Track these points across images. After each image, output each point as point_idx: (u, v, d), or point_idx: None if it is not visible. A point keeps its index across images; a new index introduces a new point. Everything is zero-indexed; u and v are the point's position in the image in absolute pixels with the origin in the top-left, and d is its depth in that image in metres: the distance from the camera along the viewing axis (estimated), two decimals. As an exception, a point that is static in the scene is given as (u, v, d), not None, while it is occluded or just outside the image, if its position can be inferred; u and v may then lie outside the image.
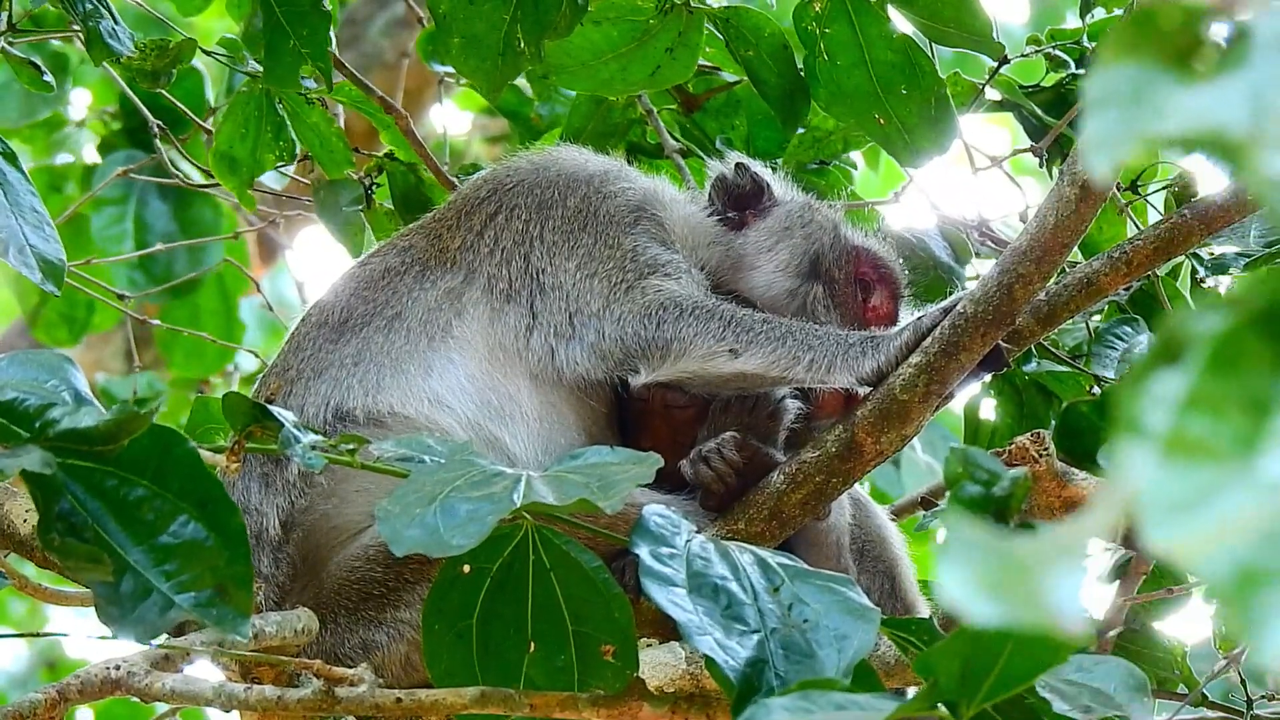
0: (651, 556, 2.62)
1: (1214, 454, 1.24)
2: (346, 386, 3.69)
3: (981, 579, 1.30)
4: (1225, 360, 1.27)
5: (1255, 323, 1.28)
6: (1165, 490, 1.23)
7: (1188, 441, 1.25)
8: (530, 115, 5.14)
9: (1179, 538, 1.21)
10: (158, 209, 6.48)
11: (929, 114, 4.13)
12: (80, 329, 6.72)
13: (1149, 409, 1.27)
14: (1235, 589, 1.19)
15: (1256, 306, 1.28)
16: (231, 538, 2.42)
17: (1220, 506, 1.22)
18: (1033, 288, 3.38)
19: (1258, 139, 1.24)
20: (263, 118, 4.60)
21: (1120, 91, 1.31)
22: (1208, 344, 1.27)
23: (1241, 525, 1.20)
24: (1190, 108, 1.28)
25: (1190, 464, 1.24)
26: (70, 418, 2.40)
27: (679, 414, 3.76)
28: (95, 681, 2.80)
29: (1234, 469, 1.24)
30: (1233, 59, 1.30)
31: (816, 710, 2.05)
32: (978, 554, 1.32)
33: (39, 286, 3.44)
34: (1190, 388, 1.26)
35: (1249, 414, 1.26)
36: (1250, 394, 1.26)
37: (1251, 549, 1.20)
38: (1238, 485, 1.23)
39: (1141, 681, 2.51)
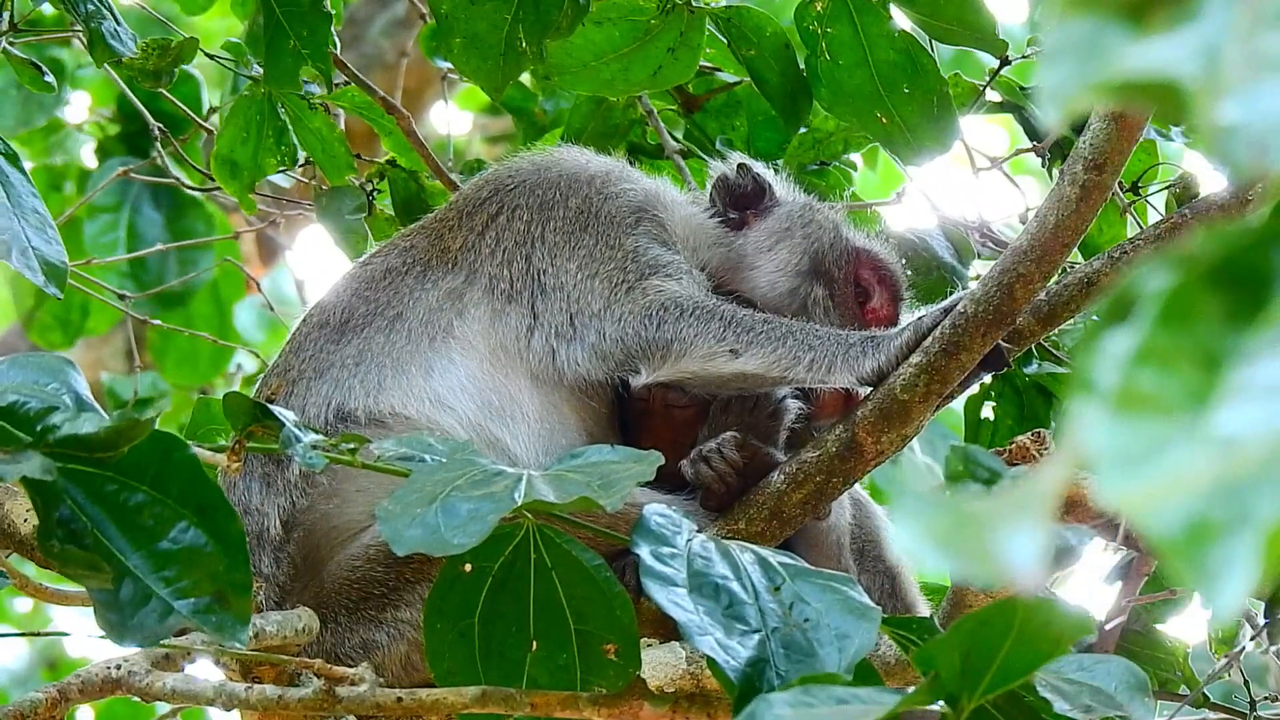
0: (652, 556, 2.62)
1: (1165, 407, 1.24)
2: (348, 387, 3.69)
3: (934, 532, 1.30)
4: (1177, 314, 1.27)
5: (1206, 277, 1.27)
6: (1115, 444, 1.23)
7: (1138, 395, 1.24)
8: (534, 110, 5.14)
9: (1131, 491, 1.21)
10: (151, 217, 6.48)
11: (931, 113, 4.13)
12: (75, 332, 6.72)
13: (1100, 366, 1.26)
14: (1186, 542, 1.19)
15: (1209, 260, 1.28)
16: (231, 544, 2.42)
17: (1171, 459, 1.21)
18: (1033, 287, 3.38)
19: (1209, 88, 1.25)
20: (264, 122, 4.60)
21: (1073, 44, 1.31)
22: (1159, 299, 1.27)
23: (1193, 478, 1.20)
24: (1142, 58, 1.29)
25: (1141, 418, 1.23)
26: (71, 424, 2.40)
27: (679, 414, 3.76)
28: (96, 681, 2.80)
29: (1185, 422, 1.23)
30: (1185, 12, 1.31)
31: (818, 705, 2.05)
32: (930, 508, 1.32)
33: (41, 289, 3.44)
34: (1140, 342, 1.26)
35: (1200, 368, 1.25)
36: (1202, 348, 1.26)
37: (1202, 502, 1.19)
38: (1189, 438, 1.22)
39: (1142, 681, 2.51)
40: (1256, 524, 1.17)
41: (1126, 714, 2.48)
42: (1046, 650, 2.12)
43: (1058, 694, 2.44)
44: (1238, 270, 1.27)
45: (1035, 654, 2.12)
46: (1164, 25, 1.31)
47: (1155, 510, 1.20)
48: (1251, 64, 1.25)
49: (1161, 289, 1.27)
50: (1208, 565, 1.18)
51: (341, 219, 4.73)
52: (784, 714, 2.02)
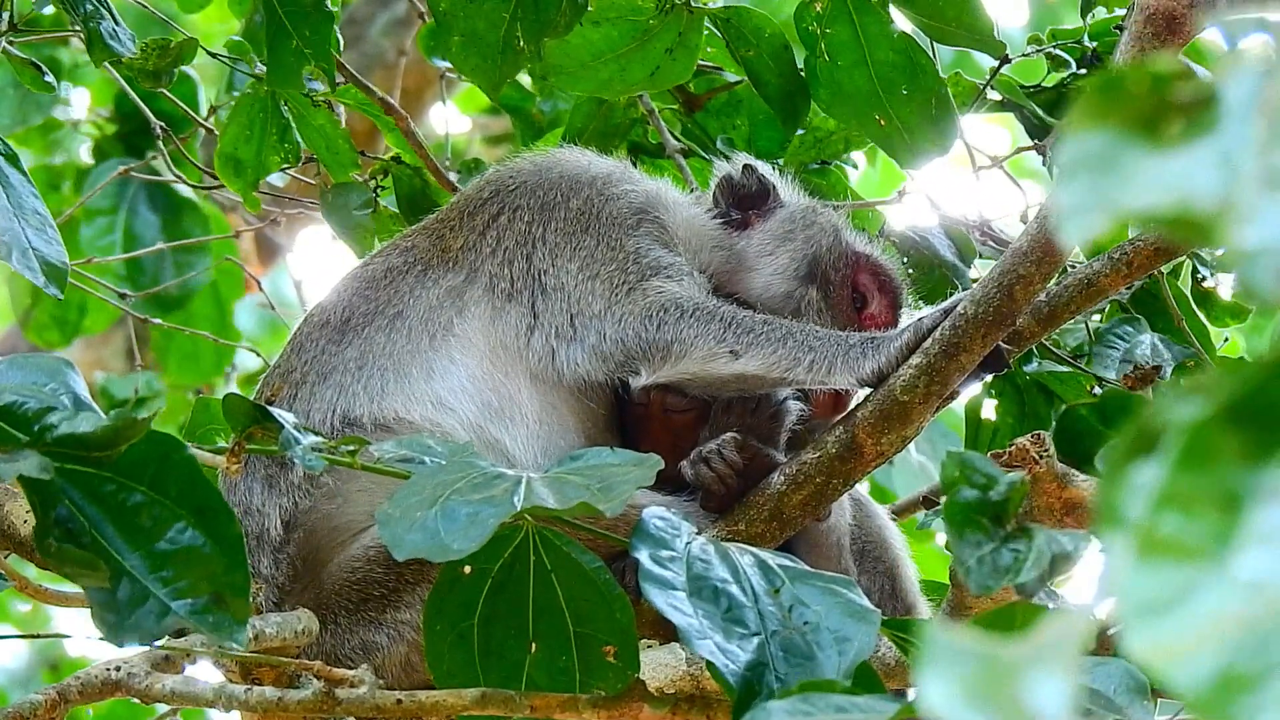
0: (651, 560, 2.62)
1: (1187, 552, 1.22)
2: (352, 393, 3.69)
3: (964, 688, 1.27)
4: (1196, 455, 1.25)
5: (1225, 414, 1.26)
6: (1140, 591, 1.21)
7: (1161, 540, 1.23)
8: (532, 111, 5.14)
9: (1157, 641, 1.19)
10: (148, 219, 6.48)
11: (930, 114, 4.12)
12: (72, 331, 6.71)
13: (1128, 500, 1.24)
14: (1216, 694, 1.17)
15: (1226, 397, 1.26)
16: (229, 545, 2.42)
17: (1196, 607, 1.20)
18: (1033, 289, 3.38)
19: (1228, 209, 1.23)
20: (268, 120, 4.60)
21: (1090, 158, 1.30)
22: (1179, 438, 1.25)
23: (1218, 626, 1.18)
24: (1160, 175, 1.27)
25: (1164, 563, 1.22)
26: (68, 423, 2.40)
27: (678, 418, 3.76)
28: (95, 682, 2.80)
29: (1208, 567, 1.21)
30: (1201, 124, 1.29)
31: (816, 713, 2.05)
32: (961, 661, 1.29)
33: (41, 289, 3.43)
34: (1162, 485, 1.24)
35: (1222, 509, 1.23)
36: (1222, 488, 1.24)
37: (1230, 652, 1.17)
38: (1212, 584, 1.20)
39: (1142, 683, 2.51)
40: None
41: (1126, 716, 2.47)
42: None
43: (1057, 696, 2.43)
44: (1256, 406, 1.26)
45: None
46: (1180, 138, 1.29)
47: (1184, 662, 1.18)
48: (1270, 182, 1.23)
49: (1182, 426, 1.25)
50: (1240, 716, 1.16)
51: (348, 215, 4.73)
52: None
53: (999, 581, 2.38)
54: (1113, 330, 4.26)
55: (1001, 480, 2.35)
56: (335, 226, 4.77)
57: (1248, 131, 1.27)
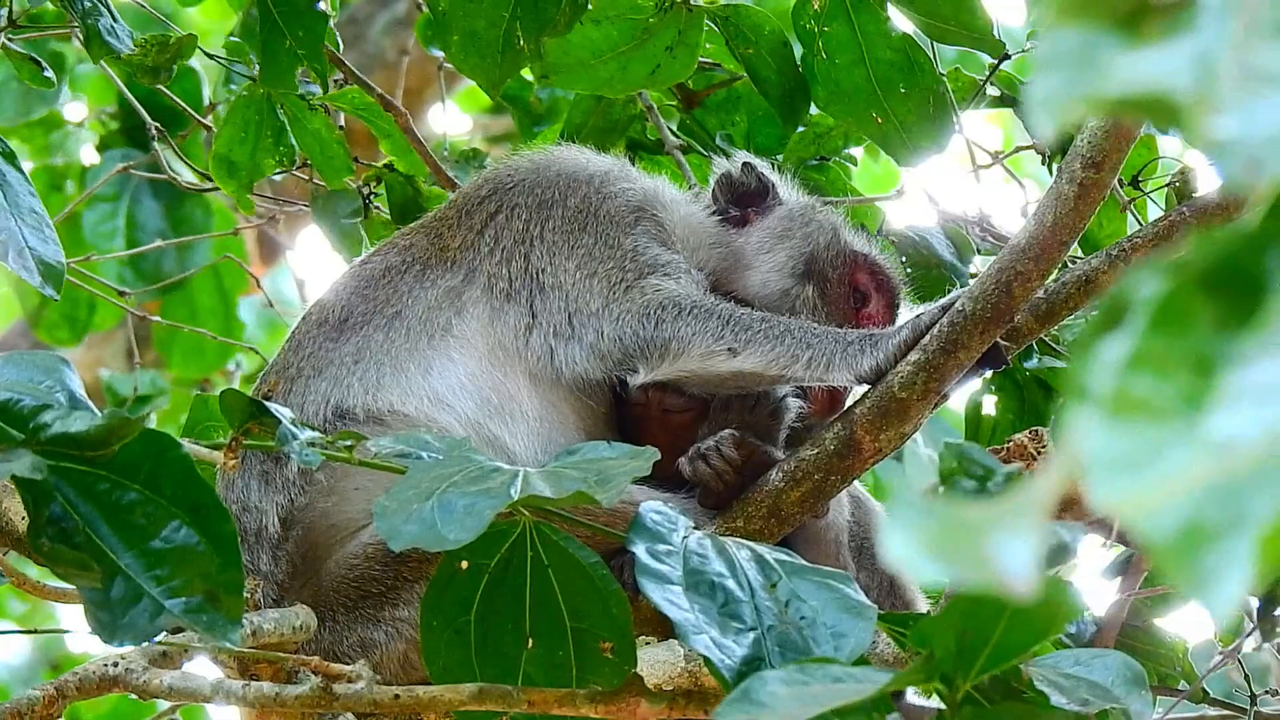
0: (648, 554, 2.62)
1: (1158, 412, 1.23)
2: (346, 385, 3.69)
3: (926, 540, 1.29)
4: (1169, 319, 1.26)
5: (1199, 281, 1.27)
6: (1110, 449, 1.22)
7: (1132, 400, 1.24)
8: (530, 99, 5.14)
9: (1124, 496, 1.20)
10: (150, 207, 6.48)
11: (927, 112, 4.12)
12: (82, 329, 6.71)
13: (1094, 371, 1.26)
14: (1180, 545, 1.18)
15: (1200, 265, 1.27)
16: (223, 544, 2.41)
17: (1165, 464, 1.21)
18: (1031, 285, 3.38)
19: (1203, 101, 1.25)
20: (263, 122, 4.60)
21: (1066, 53, 1.31)
22: (1151, 304, 1.27)
23: (1187, 482, 1.19)
24: (1135, 69, 1.28)
25: (1135, 423, 1.23)
26: (62, 422, 2.39)
27: (676, 418, 3.76)
28: (93, 678, 2.80)
29: (1179, 427, 1.22)
30: (1179, 23, 1.30)
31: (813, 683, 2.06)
32: (923, 516, 1.31)
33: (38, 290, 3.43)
34: (1134, 347, 1.26)
35: (1194, 372, 1.24)
36: (1195, 352, 1.25)
37: (1196, 505, 1.18)
38: (1182, 443, 1.22)
39: (1140, 675, 2.50)
40: (1251, 526, 1.17)
41: (1124, 708, 2.47)
42: (1041, 628, 2.13)
43: (1055, 688, 2.43)
44: (1230, 274, 1.27)
45: (1030, 632, 2.13)
46: (1158, 36, 1.31)
47: (1150, 514, 1.19)
48: (1246, 76, 1.25)
49: (1154, 294, 1.27)
50: (1203, 568, 1.18)
51: (337, 222, 4.74)
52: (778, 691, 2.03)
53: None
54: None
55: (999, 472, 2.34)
56: (325, 232, 4.78)
57: (1225, 29, 1.28)
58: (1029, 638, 2.13)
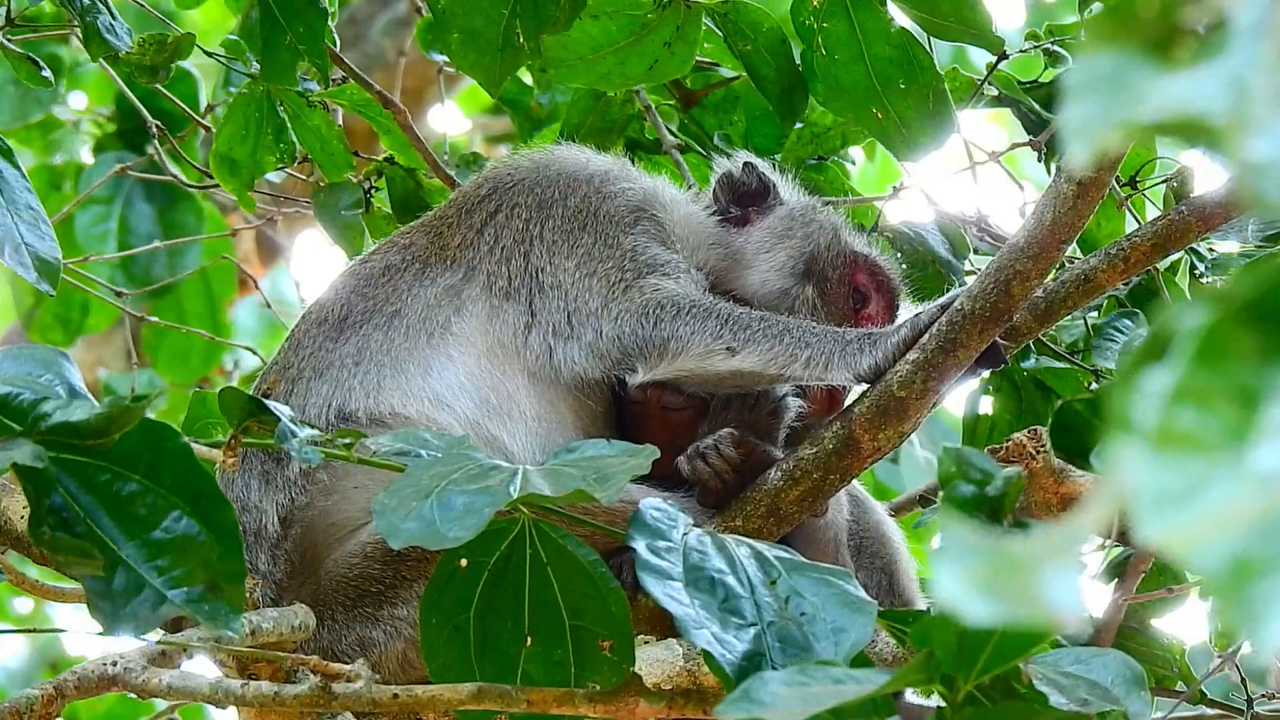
0: (648, 550, 2.62)
1: (1203, 445, 1.24)
2: (348, 388, 3.69)
3: (976, 578, 1.29)
4: (1212, 353, 1.27)
5: (1242, 314, 1.27)
6: (1156, 483, 1.23)
7: (1177, 434, 1.24)
8: (530, 104, 5.14)
9: (1172, 531, 1.21)
10: (143, 210, 6.47)
11: (927, 109, 4.12)
12: (76, 330, 6.70)
13: (1138, 404, 1.26)
14: (1229, 581, 1.19)
15: (1243, 298, 1.27)
16: (224, 533, 2.42)
17: (1211, 498, 1.21)
18: (1030, 285, 3.38)
19: (1237, 124, 1.25)
20: (263, 120, 4.59)
21: (1100, 78, 1.31)
22: (1194, 337, 1.27)
23: (1233, 516, 1.20)
24: (1169, 94, 1.29)
25: (1180, 456, 1.24)
26: (62, 411, 2.39)
27: (676, 416, 3.76)
28: (92, 678, 2.79)
29: (1224, 460, 1.23)
30: (1211, 46, 1.30)
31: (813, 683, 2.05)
32: (972, 553, 1.32)
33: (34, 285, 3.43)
34: (1178, 381, 1.26)
35: (1238, 405, 1.25)
36: (1238, 385, 1.26)
37: (1244, 540, 1.19)
38: (1228, 476, 1.22)
39: (1139, 675, 2.50)
40: None
41: (1123, 708, 2.47)
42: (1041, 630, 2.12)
43: (1054, 687, 2.43)
44: (1274, 307, 1.27)
45: (1031, 634, 2.12)
46: (1191, 59, 1.31)
47: (1198, 549, 1.20)
48: (1279, 99, 1.25)
49: (1198, 326, 1.27)
50: (1252, 603, 1.18)
51: (338, 215, 4.73)
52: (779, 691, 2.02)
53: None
54: (1112, 323, 4.26)
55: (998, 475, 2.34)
56: (326, 227, 4.78)
57: (1257, 52, 1.28)
58: (1030, 638, 2.13)
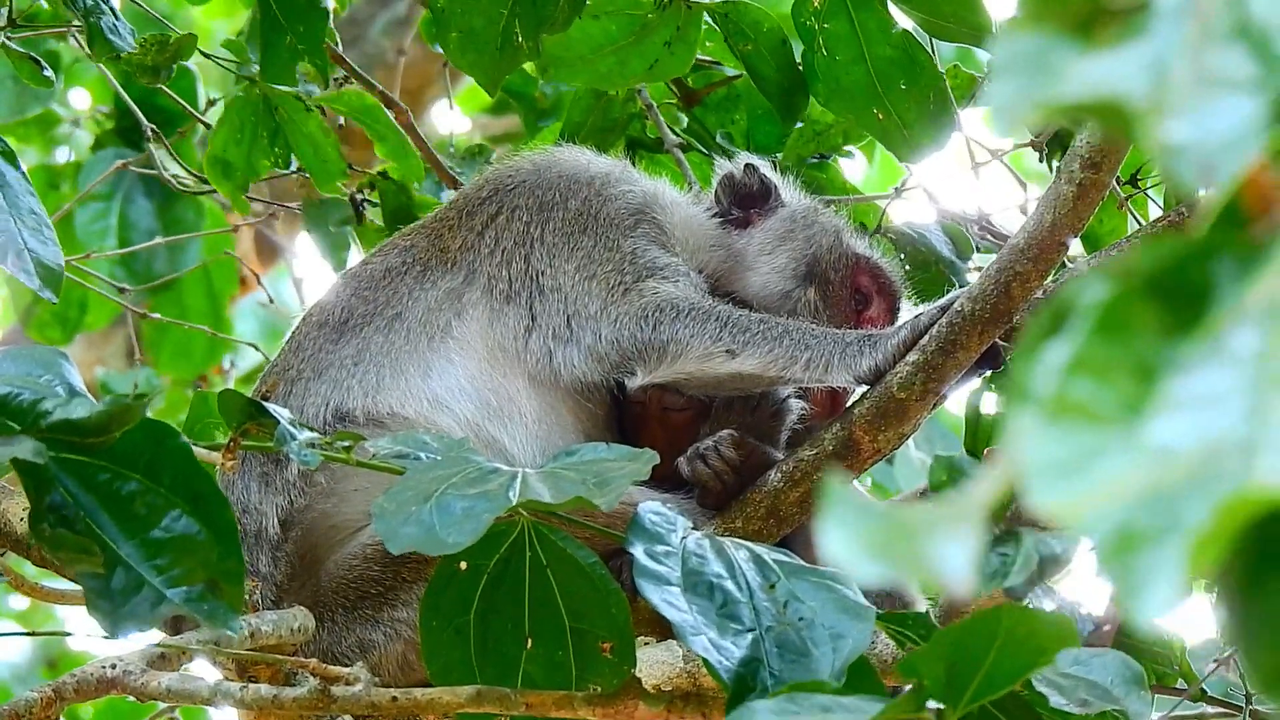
0: (646, 555, 2.61)
1: (1099, 417, 1.23)
2: (346, 388, 3.69)
3: (864, 540, 1.28)
4: (1112, 325, 1.26)
5: (1144, 289, 1.27)
6: (1047, 452, 1.22)
7: (1072, 405, 1.24)
8: (535, 94, 5.13)
9: (1060, 499, 1.20)
10: (143, 206, 6.47)
11: (928, 109, 4.12)
12: (74, 328, 6.69)
13: (1035, 375, 1.26)
14: (1115, 550, 1.18)
15: (1146, 272, 1.27)
16: (223, 533, 2.41)
17: (1103, 469, 1.21)
18: (1030, 286, 3.38)
19: (1157, 106, 1.25)
20: (259, 122, 4.59)
21: (1023, 58, 1.31)
22: (1095, 310, 1.26)
23: (1123, 487, 1.19)
24: (1090, 74, 1.29)
25: (1074, 427, 1.23)
26: (62, 409, 2.39)
27: (676, 417, 3.76)
28: (91, 680, 2.79)
29: (1118, 432, 1.22)
30: (1134, 27, 1.30)
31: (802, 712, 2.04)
32: (862, 515, 1.30)
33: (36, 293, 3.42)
34: (1075, 352, 1.25)
35: (1135, 378, 1.24)
36: (1137, 359, 1.25)
37: (1132, 511, 1.19)
38: (1121, 448, 1.22)
39: (1138, 674, 2.50)
40: (1183, 532, 1.17)
41: (1123, 708, 2.47)
42: (1031, 659, 2.12)
43: (1053, 688, 2.43)
44: (1176, 283, 1.27)
45: (1020, 662, 2.11)
46: (1112, 40, 1.31)
47: (1085, 518, 1.20)
48: (1199, 81, 1.25)
49: (1098, 300, 1.27)
50: (1135, 572, 1.18)
51: (327, 230, 4.74)
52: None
53: (987, 585, 2.37)
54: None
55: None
56: (315, 240, 4.79)
57: (1179, 34, 1.28)
58: (1020, 667, 2.12)
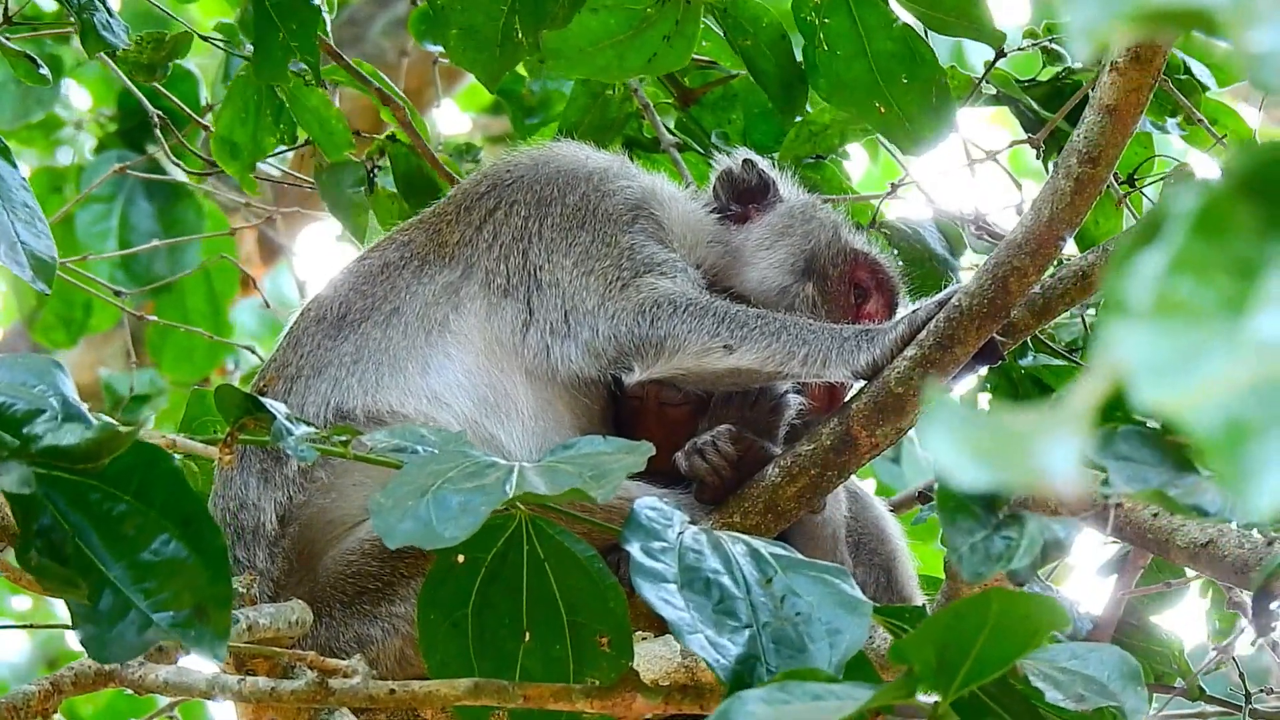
0: (643, 552, 2.60)
1: (1201, 315, 1.24)
2: (346, 386, 3.69)
3: (971, 444, 1.29)
4: (1211, 225, 1.27)
5: (1241, 188, 1.27)
6: (1152, 352, 1.23)
7: (1174, 304, 1.24)
8: (523, 92, 5.14)
9: (1168, 396, 1.21)
10: (144, 208, 6.47)
11: (929, 103, 4.12)
12: (78, 330, 6.70)
13: (1133, 282, 1.26)
14: (1224, 443, 1.19)
15: (1242, 173, 1.27)
16: (212, 557, 2.39)
17: (1208, 365, 1.22)
18: (1027, 281, 3.38)
19: (1239, 16, 1.25)
20: (262, 102, 4.59)
21: None
22: (1193, 212, 1.27)
23: (1229, 382, 1.20)
24: None
25: (1177, 326, 1.24)
26: (53, 434, 2.37)
27: (673, 412, 3.76)
28: (89, 674, 2.79)
29: (1221, 329, 1.23)
30: None
31: (793, 701, 2.04)
32: (965, 421, 1.31)
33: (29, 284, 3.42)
34: (1175, 252, 1.26)
35: (1236, 276, 1.25)
36: (1237, 257, 1.25)
37: (1240, 403, 1.19)
38: (1226, 344, 1.22)
39: (1136, 670, 2.50)
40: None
41: (1119, 703, 2.47)
42: (1022, 643, 2.12)
43: (1050, 683, 2.43)
44: (1271, 181, 1.27)
45: (1011, 647, 2.11)
46: None
47: (1193, 412, 1.20)
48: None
49: (1195, 204, 1.27)
50: (1246, 463, 1.19)
51: (342, 194, 4.73)
52: (757, 711, 2.01)
53: (991, 569, 2.38)
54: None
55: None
56: (331, 207, 4.77)
57: None
58: (1010, 652, 2.12)
